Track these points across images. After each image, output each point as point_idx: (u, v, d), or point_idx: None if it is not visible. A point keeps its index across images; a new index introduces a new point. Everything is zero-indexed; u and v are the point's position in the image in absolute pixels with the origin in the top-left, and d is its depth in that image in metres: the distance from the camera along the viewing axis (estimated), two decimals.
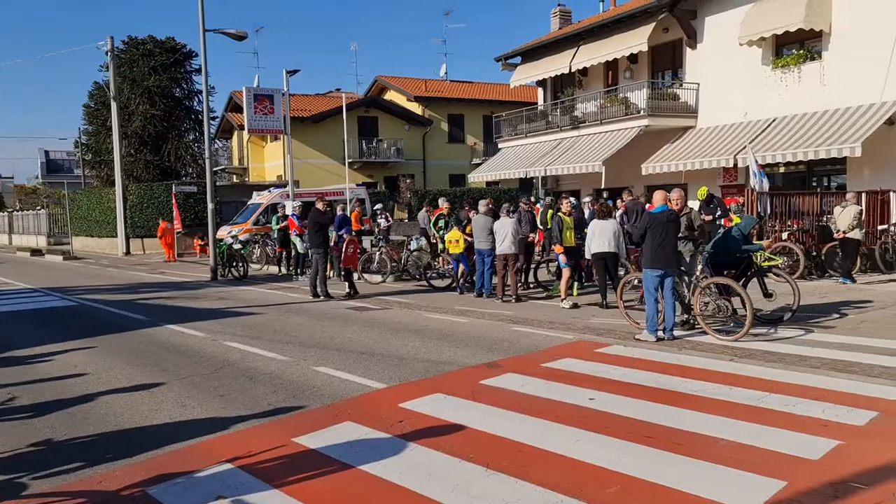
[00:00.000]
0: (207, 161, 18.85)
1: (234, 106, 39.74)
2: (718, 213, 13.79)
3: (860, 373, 6.81)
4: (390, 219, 20.41)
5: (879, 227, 15.32)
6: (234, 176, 44.27)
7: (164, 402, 6.48)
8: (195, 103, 34.87)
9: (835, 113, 17.43)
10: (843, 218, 13.45)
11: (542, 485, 4.31)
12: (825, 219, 15.19)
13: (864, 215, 13.45)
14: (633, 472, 4.48)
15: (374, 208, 19.75)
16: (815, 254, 14.44)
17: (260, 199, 24.91)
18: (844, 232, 13.31)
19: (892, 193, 15.94)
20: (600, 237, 11.47)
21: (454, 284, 14.26)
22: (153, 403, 6.44)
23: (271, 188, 26.23)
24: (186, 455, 5.05)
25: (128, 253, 29.07)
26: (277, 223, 18.50)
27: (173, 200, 26.72)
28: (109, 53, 28.78)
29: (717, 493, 4.13)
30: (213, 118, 38.25)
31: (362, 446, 5.09)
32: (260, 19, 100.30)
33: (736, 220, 10.92)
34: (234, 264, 18.11)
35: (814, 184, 19.03)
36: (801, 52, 18.62)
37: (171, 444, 5.28)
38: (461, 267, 14.16)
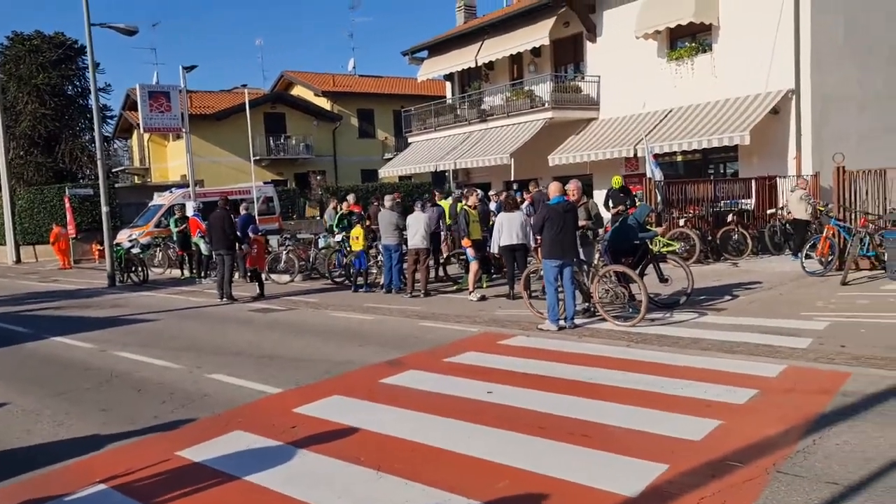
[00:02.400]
0: (100, 161, 17.97)
1: (132, 104, 37.97)
2: (628, 201, 14.20)
3: (745, 352, 7.10)
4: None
5: (768, 211, 16.09)
6: (136, 177, 42.48)
7: (39, 421, 6.07)
8: (89, 101, 33.17)
9: (725, 103, 18.18)
10: (793, 202, 14.22)
11: (431, 484, 4.25)
12: (721, 204, 15.87)
13: (810, 198, 14.12)
14: (522, 464, 4.48)
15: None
16: (710, 238, 15.04)
17: (161, 200, 23.96)
18: (801, 213, 14.04)
19: (778, 179, 16.77)
20: (508, 229, 11.56)
21: (358, 282, 14.08)
22: (27, 423, 6.02)
23: (173, 188, 25.26)
24: (58, 478, 4.73)
25: (18, 261, 27.40)
26: (176, 225, 17.81)
27: (66, 204, 25.34)
28: None
29: (602, 480, 4.18)
30: (111, 117, 36.48)
31: (250, 456, 4.90)
32: (158, 14, 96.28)
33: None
34: (133, 269, 17.35)
35: (710, 171, 19.82)
36: (693, 44, 19.33)
37: (43, 466, 4.94)
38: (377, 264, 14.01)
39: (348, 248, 14.70)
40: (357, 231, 13.62)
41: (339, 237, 15.52)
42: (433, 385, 6.53)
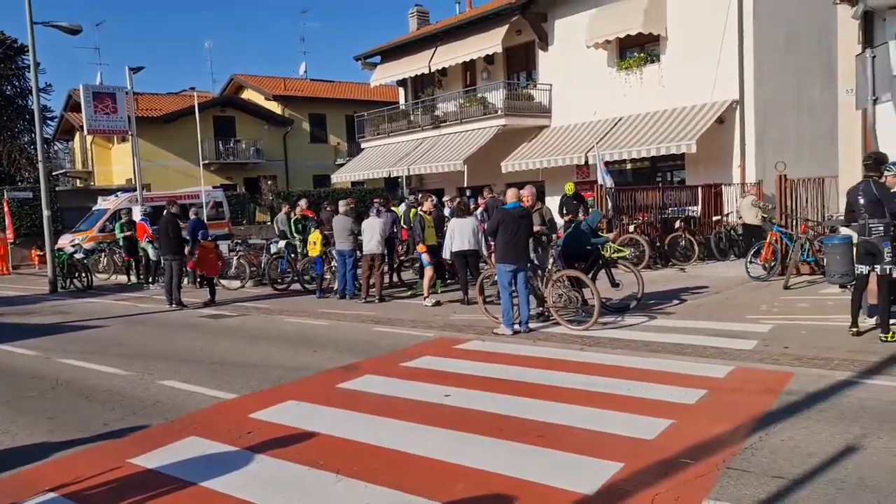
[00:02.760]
0: (41, 164, 17.42)
1: (74, 105, 36.89)
2: (581, 208, 14.45)
3: (694, 354, 7.31)
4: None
5: (714, 218, 16.57)
6: (78, 180, 41.22)
7: None
8: (29, 102, 32.20)
9: (673, 112, 18.66)
10: (744, 207, 14.70)
11: (391, 486, 4.26)
12: (669, 211, 16.27)
13: (759, 203, 14.45)
14: (481, 465, 4.53)
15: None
16: (658, 244, 15.39)
17: (106, 204, 23.35)
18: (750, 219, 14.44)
19: (723, 186, 17.28)
20: (460, 235, 11.63)
21: (310, 287, 14.00)
22: None
23: (118, 192, 24.64)
24: (5, 487, 4.58)
25: None
26: (121, 230, 17.39)
27: (5, 208, 24.46)
28: None
29: (559, 479, 4.26)
30: (51, 118, 35.47)
31: (206, 462, 4.83)
32: (102, 14, 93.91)
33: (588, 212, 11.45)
34: (77, 275, 16.86)
35: (658, 179, 20.30)
36: (642, 55, 19.80)
37: None
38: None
39: (293, 255, 14.62)
40: (315, 236, 13.52)
41: (282, 243, 15.37)
42: (390, 389, 6.54)
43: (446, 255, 12.08)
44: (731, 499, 3.89)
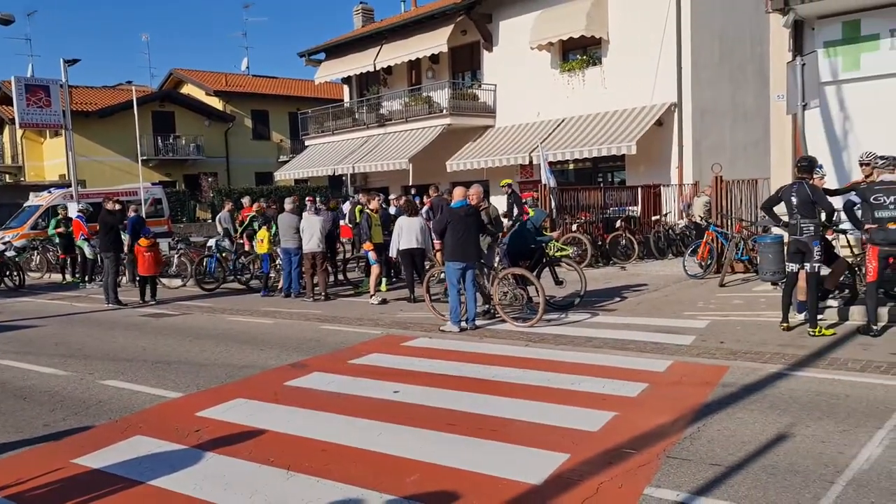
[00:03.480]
0: None
1: (3, 97, 35.49)
2: (515, 208, 14.64)
3: (635, 349, 7.55)
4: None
5: (653, 218, 17.04)
6: (7, 175, 39.60)
7: None
8: None
9: (614, 114, 19.12)
10: (697, 206, 15.11)
11: (343, 481, 4.31)
12: (610, 211, 16.66)
13: (710, 205, 14.70)
14: (432, 458, 4.61)
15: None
16: (600, 243, 15.75)
17: (39, 200, 22.50)
18: (698, 218, 14.90)
19: (662, 187, 17.80)
20: (408, 233, 11.69)
21: (253, 285, 13.84)
22: None
23: (52, 188, 23.78)
24: None
25: None
26: (55, 227, 16.82)
27: None
28: None
29: (509, 470, 4.37)
30: None
31: (154, 460, 4.77)
32: (34, 3, 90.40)
33: (531, 213, 11.64)
34: (8, 273, 16.23)
35: (599, 179, 20.75)
36: (584, 57, 20.21)
37: None
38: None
39: (223, 254, 14.38)
40: (262, 234, 13.37)
41: (211, 242, 15.06)
42: (339, 386, 6.56)
43: (393, 253, 12.13)
44: (672, 486, 4.07)
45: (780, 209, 8.14)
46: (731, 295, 10.93)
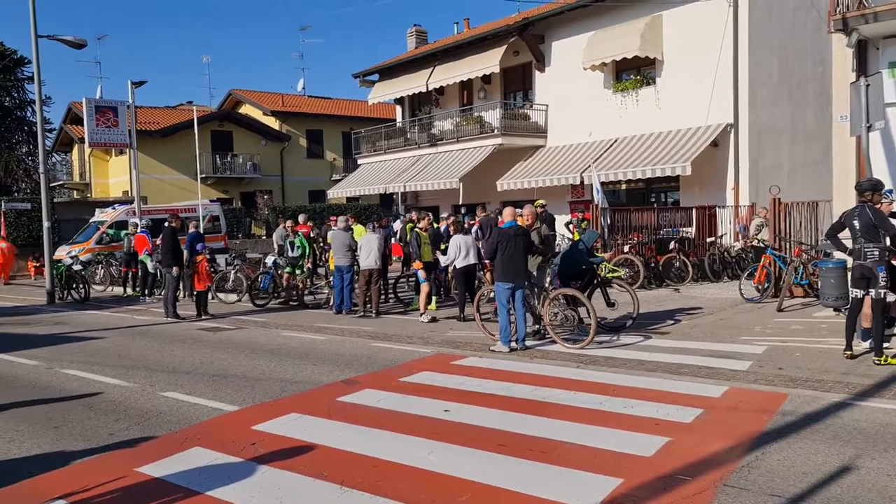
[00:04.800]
0: (42, 176, 17.46)
1: (73, 117, 37.08)
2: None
3: (689, 374, 7.42)
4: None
5: (708, 240, 16.74)
6: (76, 192, 41.25)
7: None
8: (28, 113, 32.40)
9: (668, 135, 18.91)
10: (752, 229, 14.91)
11: (395, 498, 4.34)
12: (663, 232, 16.45)
13: (763, 227, 14.47)
14: (483, 479, 4.62)
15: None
16: (653, 265, 15.54)
17: (104, 216, 23.39)
18: (755, 240, 14.58)
19: (717, 209, 17.48)
20: (465, 250, 11.75)
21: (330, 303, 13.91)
22: None
23: (116, 205, 24.69)
24: (12, 495, 4.63)
25: None
26: (124, 240, 17.47)
27: (2, 219, 24.46)
28: None
29: (561, 493, 4.34)
30: (50, 130, 35.55)
31: (211, 472, 4.90)
32: (103, 27, 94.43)
33: (576, 235, 11.57)
34: (74, 286, 16.88)
35: (652, 200, 20.51)
36: (638, 77, 20.09)
37: None
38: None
39: (279, 272, 14.56)
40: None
41: (268, 259, 15.30)
42: (390, 403, 6.62)
43: (455, 261, 11.98)
44: None
45: (846, 234, 7.92)
46: (790, 320, 10.64)
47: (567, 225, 15.59)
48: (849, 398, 6.29)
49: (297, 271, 14.35)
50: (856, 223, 7.63)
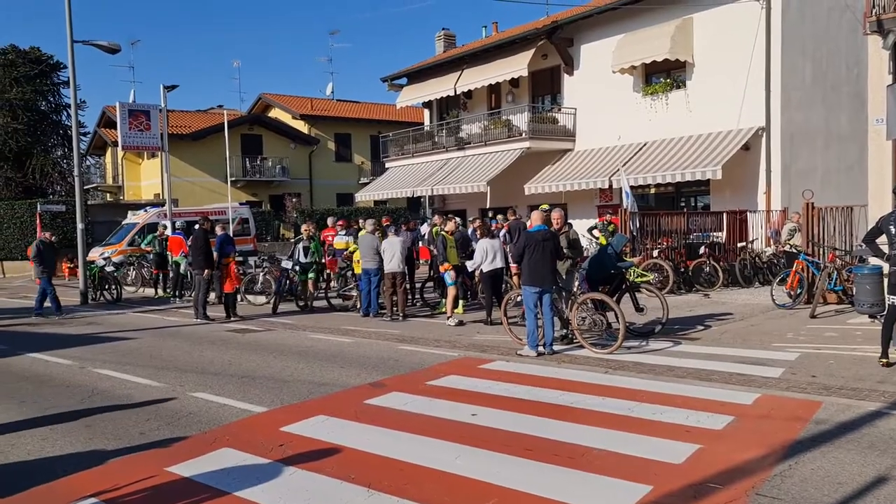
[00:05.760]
0: (77, 178, 17.80)
1: (107, 121, 37.78)
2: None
3: (720, 381, 7.31)
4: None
5: (739, 245, 16.50)
6: (108, 194, 42.03)
7: (22, 436, 6.01)
8: (63, 117, 33.02)
9: (699, 138, 18.70)
10: (784, 234, 14.64)
11: (422, 501, 4.34)
12: (693, 237, 16.25)
13: (795, 232, 14.20)
14: (511, 484, 4.59)
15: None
16: (682, 270, 15.36)
17: (135, 218, 23.75)
18: (788, 245, 14.33)
19: (749, 213, 17.24)
20: (492, 254, 11.71)
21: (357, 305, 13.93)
22: (9, 438, 5.96)
23: (147, 207, 25.08)
24: (45, 493, 4.71)
25: None
26: (148, 243, 17.73)
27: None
28: None
29: (589, 499, 4.31)
30: (85, 134, 36.28)
31: (240, 472, 4.94)
32: (136, 32, 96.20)
33: (601, 239, 11.46)
34: (107, 287, 17.17)
35: (682, 204, 20.29)
36: (668, 80, 19.90)
37: (28, 482, 4.92)
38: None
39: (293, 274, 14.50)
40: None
41: (287, 263, 15.12)
42: (417, 407, 6.62)
43: (482, 266, 11.93)
44: None
45: (882, 240, 7.76)
46: (824, 327, 10.44)
47: (591, 230, 15.46)
48: (885, 407, 6.15)
49: (311, 275, 14.35)
50: (892, 228, 7.48)
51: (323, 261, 14.78)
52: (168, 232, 17.78)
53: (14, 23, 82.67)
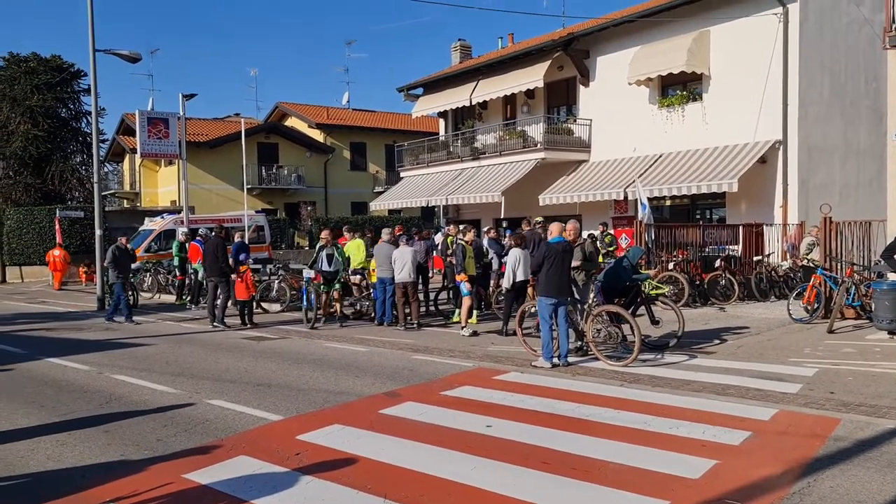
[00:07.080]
0: (96, 185, 17.99)
1: (125, 129, 38.20)
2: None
3: (737, 395, 7.26)
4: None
5: (755, 258, 16.40)
6: (126, 201, 42.44)
7: (41, 441, 6.08)
8: (83, 124, 33.37)
9: (714, 151, 18.64)
10: (803, 248, 14.63)
11: None
12: (709, 249, 16.16)
13: (814, 246, 14.08)
14: (526, 496, 4.58)
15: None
16: (698, 283, 15.27)
17: (152, 225, 23.98)
18: (806, 259, 14.29)
19: (765, 227, 17.14)
20: (524, 265, 11.56)
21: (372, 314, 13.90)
22: (29, 443, 6.02)
23: (164, 214, 25.29)
24: (63, 499, 4.75)
25: (3, 281, 27.21)
26: (179, 251, 17.83)
27: (56, 226, 25.25)
28: None
29: None
30: (104, 141, 36.62)
31: (256, 480, 4.96)
32: (155, 41, 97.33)
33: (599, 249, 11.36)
34: None
35: (697, 216, 20.20)
36: (684, 93, 19.87)
37: (46, 487, 4.97)
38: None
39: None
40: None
41: (307, 272, 14.87)
42: (432, 417, 6.62)
43: (507, 284, 11.85)
44: None
45: None
46: (842, 342, 10.35)
47: (589, 237, 15.42)
48: None
49: (336, 286, 13.53)
50: None
51: (348, 269, 14.09)
52: (182, 238, 17.89)
53: (36, 32, 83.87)
